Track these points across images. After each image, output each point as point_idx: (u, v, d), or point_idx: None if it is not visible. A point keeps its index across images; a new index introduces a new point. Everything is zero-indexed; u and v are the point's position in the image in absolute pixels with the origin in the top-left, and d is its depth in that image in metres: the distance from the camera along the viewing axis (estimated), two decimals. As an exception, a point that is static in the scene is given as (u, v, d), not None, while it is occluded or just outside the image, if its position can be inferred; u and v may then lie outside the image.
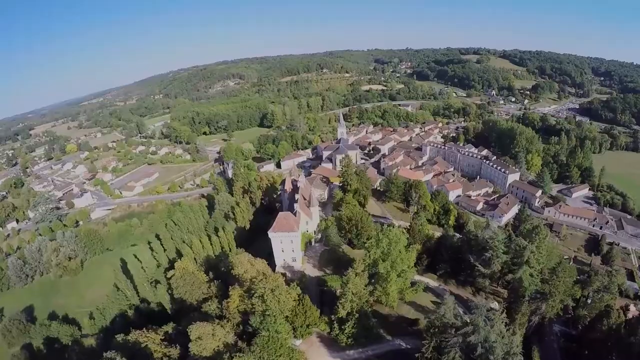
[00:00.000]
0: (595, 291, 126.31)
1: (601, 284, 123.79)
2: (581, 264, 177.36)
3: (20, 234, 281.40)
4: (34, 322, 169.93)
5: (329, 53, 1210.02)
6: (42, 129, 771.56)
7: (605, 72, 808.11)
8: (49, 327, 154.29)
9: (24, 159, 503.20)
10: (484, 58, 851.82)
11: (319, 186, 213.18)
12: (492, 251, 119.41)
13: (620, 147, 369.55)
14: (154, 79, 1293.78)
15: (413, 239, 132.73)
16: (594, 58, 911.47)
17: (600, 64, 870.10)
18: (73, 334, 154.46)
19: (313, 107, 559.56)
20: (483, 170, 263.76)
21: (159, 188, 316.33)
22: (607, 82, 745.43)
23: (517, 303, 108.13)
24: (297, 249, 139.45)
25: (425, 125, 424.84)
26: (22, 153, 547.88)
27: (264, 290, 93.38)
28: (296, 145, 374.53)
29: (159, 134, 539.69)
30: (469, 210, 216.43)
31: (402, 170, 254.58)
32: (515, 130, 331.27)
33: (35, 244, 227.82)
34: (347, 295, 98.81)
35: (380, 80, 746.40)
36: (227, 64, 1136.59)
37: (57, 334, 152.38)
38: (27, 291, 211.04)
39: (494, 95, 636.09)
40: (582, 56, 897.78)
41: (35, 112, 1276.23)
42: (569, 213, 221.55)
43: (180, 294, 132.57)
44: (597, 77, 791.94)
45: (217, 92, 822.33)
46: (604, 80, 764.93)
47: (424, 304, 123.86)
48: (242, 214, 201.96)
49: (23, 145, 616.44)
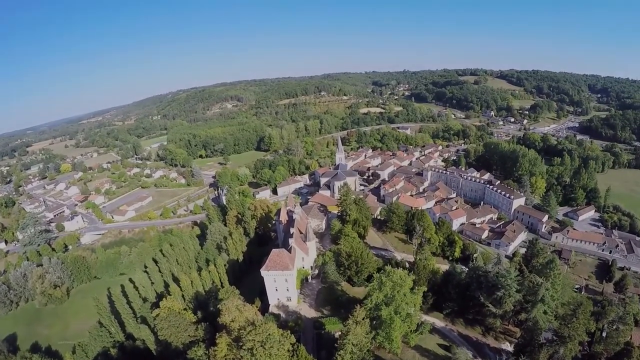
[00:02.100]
0: (609, 322, 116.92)
1: (616, 314, 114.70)
2: (593, 293, 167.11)
3: (8, 256, 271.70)
4: (15, 353, 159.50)
5: (327, 75, 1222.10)
6: (39, 147, 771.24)
7: (602, 89, 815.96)
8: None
9: (18, 176, 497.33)
10: (481, 79, 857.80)
11: (316, 216, 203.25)
12: (504, 290, 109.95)
13: (622, 165, 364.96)
14: (153, 99, 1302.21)
15: (418, 277, 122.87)
16: (589, 75, 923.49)
17: (596, 81, 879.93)
18: None
19: (311, 131, 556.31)
20: (487, 196, 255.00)
21: (150, 214, 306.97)
22: (604, 99, 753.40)
23: (532, 346, 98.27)
24: (292, 288, 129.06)
25: (425, 149, 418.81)
26: (17, 170, 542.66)
27: (253, 344, 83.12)
28: (293, 171, 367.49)
29: (155, 155, 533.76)
30: (474, 239, 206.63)
31: (403, 197, 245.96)
32: (517, 152, 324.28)
33: (20, 269, 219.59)
34: (347, 347, 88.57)
35: (379, 103, 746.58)
36: (225, 85, 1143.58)
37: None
38: (11, 318, 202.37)
39: (492, 116, 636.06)
40: (578, 74, 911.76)
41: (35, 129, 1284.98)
42: (577, 238, 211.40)
43: (164, 336, 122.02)
44: (594, 95, 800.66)
45: (214, 114, 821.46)
46: (601, 97, 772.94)
47: (430, 348, 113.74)
48: (234, 246, 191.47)
49: (19, 163, 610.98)
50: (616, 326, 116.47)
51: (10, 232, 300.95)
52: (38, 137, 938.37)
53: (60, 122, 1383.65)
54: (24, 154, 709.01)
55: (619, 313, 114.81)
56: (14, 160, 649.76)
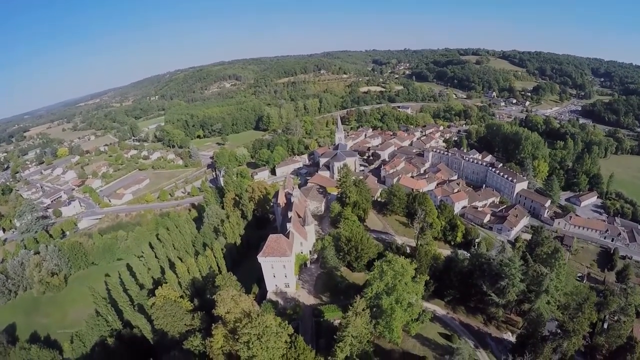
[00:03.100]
0: (611, 313, 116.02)
1: (618, 305, 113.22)
2: (595, 282, 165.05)
3: (6, 244, 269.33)
4: (14, 344, 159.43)
5: (326, 54, 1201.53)
6: (37, 131, 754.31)
7: (605, 73, 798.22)
8: (28, 351, 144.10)
9: (15, 163, 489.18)
10: (483, 59, 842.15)
11: (315, 197, 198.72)
12: (508, 279, 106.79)
13: (625, 151, 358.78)
14: (151, 80, 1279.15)
15: (419, 263, 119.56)
16: (592, 59, 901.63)
17: (599, 65, 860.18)
18: (54, 358, 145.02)
19: (310, 110, 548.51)
20: (489, 178, 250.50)
21: (148, 197, 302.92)
22: (607, 84, 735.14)
23: (534, 338, 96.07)
24: (290, 274, 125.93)
25: (426, 129, 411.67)
26: (15, 157, 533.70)
27: (249, 337, 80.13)
28: (292, 151, 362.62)
29: (153, 137, 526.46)
30: (476, 222, 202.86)
31: (404, 178, 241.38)
32: (520, 134, 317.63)
33: (17, 258, 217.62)
34: (346, 339, 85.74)
35: (379, 82, 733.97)
36: (223, 64, 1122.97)
37: (38, 358, 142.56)
38: (10, 308, 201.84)
39: (494, 96, 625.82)
40: (581, 57, 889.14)
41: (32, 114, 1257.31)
42: (579, 224, 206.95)
43: (160, 325, 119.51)
44: (597, 78, 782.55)
45: (212, 94, 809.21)
46: (604, 82, 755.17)
47: (431, 337, 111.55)
48: (232, 230, 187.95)
49: (16, 149, 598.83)
50: (618, 317, 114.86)
51: (8, 220, 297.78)
52: (35, 122, 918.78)
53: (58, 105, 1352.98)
54: (21, 139, 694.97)
55: (620, 304, 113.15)
56: (12, 146, 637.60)
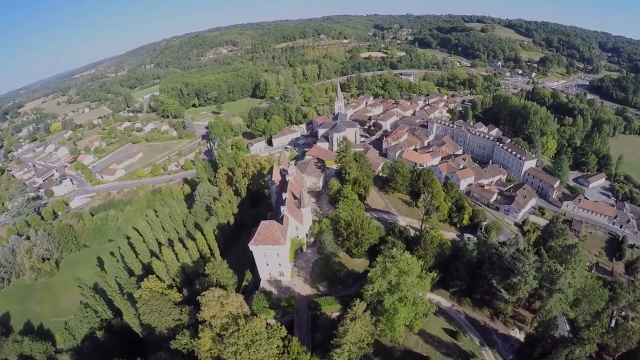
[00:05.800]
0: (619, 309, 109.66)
1: (627, 301, 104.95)
2: (603, 272, 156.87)
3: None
4: (8, 335, 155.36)
5: (326, 18, 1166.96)
6: (31, 106, 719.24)
7: (613, 49, 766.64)
8: (21, 344, 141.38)
9: (9, 141, 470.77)
10: (488, 27, 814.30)
11: (312, 173, 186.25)
12: (521, 276, 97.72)
13: (633, 131, 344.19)
14: (147, 48, 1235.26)
15: (424, 252, 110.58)
16: (600, 32, 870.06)
17: (607, 40, 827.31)
18: (47, 350, 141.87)
19: (309, 76, 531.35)
20: (496, 154, 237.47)
21: (140, 172, 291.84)
22: (615, 59, 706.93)
23: (544, 341, 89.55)
24: (284, 262, 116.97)
25: (429, 98, 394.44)
26: (9, 134, 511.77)
27: (237, 347, 71.70)
28: (290, 120, 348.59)
29: (147, 107, 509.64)
30: (482, 202, 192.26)
31: (407, 152, 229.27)
32: (529, 108, 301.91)
33: (9, 245, 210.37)
34: (345, 346, 77.46)
35: (380, 47, 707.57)
36: (220, 30, 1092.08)
37: (30, 351, 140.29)
38: (4, 296, 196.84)
39: (499, 66, 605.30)
40: (589, 30, 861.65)
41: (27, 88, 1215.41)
42: (588, 208, 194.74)
43: (147, 320, 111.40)
44: (605, 53, 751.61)
45: (209, 60, 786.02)
46: (612, 57, 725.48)
47: (435, 333, 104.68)
48: (224, 209, 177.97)
49: (10, 126, 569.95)
50: (625, 313, 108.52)
51: (0, 203, 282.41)
52: (30, 97, 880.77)
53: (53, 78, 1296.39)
54: (15, 115, 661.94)
55: (629, 299, 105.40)
56: (6, 124, 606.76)
